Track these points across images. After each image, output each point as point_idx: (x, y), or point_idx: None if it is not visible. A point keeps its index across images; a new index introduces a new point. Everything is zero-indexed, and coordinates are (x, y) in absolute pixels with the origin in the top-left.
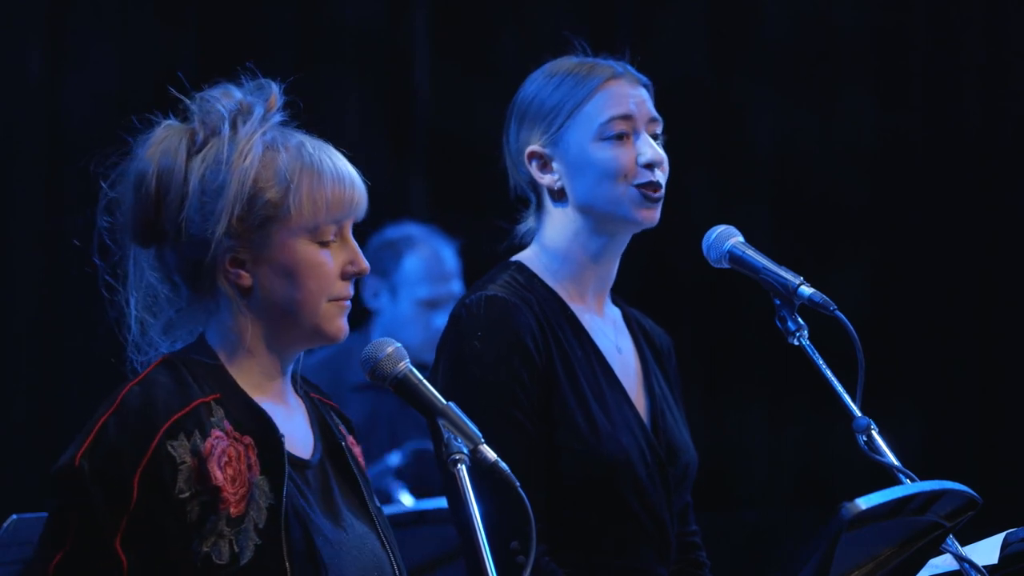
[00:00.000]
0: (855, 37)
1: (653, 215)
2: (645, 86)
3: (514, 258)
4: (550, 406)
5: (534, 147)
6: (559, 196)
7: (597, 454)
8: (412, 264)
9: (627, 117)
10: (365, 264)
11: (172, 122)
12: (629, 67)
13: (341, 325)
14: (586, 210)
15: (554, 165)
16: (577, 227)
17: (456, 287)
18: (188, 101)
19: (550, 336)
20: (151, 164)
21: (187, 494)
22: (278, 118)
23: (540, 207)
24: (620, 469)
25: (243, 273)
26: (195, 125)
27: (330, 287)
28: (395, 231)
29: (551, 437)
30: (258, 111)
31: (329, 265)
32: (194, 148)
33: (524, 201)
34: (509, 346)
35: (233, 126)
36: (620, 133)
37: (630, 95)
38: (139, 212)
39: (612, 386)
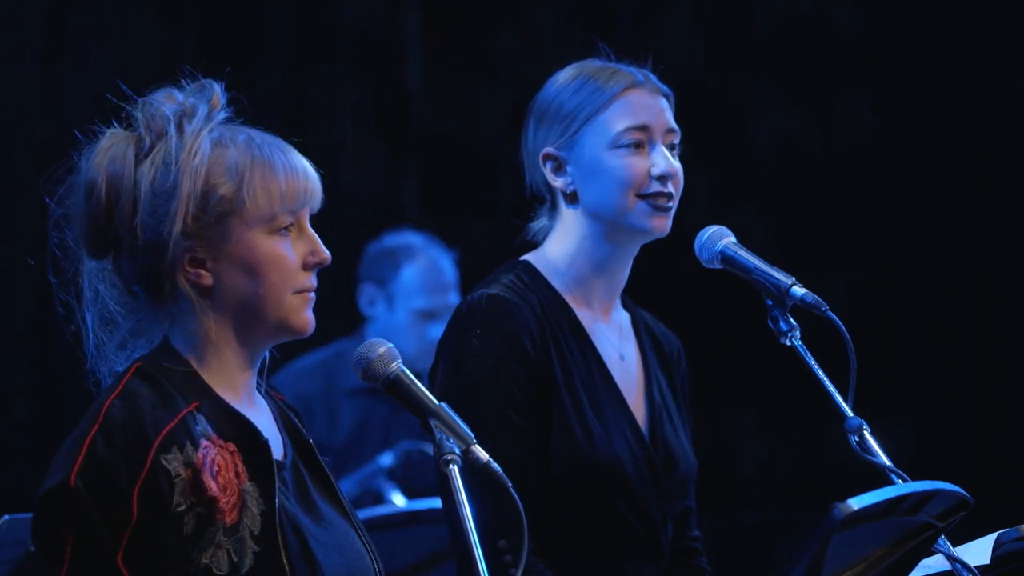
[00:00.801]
0: (854, 37)
1: (664, 224)
2: (665, 96)
3: (523, 257)
4: (546, 408)
5: (549, 149)
6: (571, 199)
7: (590, 459)
8: (410, 274)
9: (644, 127)
10: (326, 253)
11: (116, 130)
12: (651, 75)
13: (307, 318)
14: (596, 216)
15: (568, 168)
16: (586, 232)
17: (453, 298)
18: (130, 108)
19: (549, 338)
20: (99, 172)
21: (183, 507)
22: (223, 115)
23: (554, 207)
24: (612, 475)
25: (203, 272)
26: (140, 131)
27: (292, 279)
28: (394, 239)
29: (545, 439)
30: (202, 110)
31: (289, 257)
32: (142, 153)
33: (539, 199)
34: (507, 345)
35: (179, 127)
36: (636, 142)
37: (649, 105)
38: (90, 221)
39: (610, 392)
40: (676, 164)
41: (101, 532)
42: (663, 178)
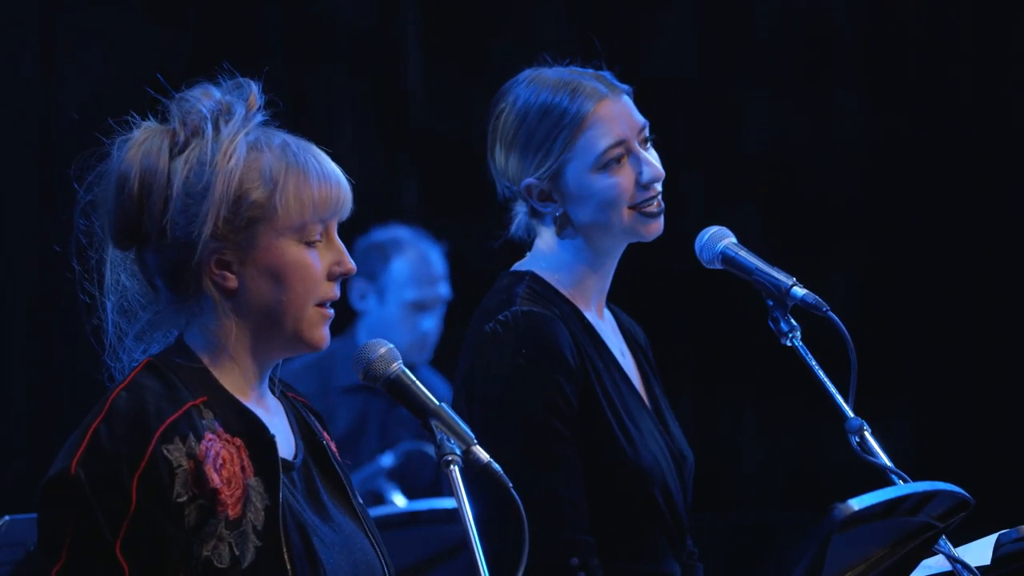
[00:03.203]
0: (849, 36)
1: (657, 226)
2: (627, 93)
3: (521, 268)
4: (590, 419)
5: (531, 181)
6: (562, 223)
7: (636, 464)
8: (400, 267)
9: (622, 142)
10: (351, 264)
11: (151, 123)
12: (608, 76)
13: (323, 334)
14: (589, 233)
15: (554, 196)
16: (579, 246)
17: (443, 290)
18: (167, 102)
19: (580, 347)
20: (133, 165)
21: (184, 498)
22: (259, 118)
23: (537, 216)
24: (654, 475)
25: (229, 275)
26: (175, 126)
27: (317, 289)
28: (383, 233)
29: (593, 450)
30: (239, 111)
31: (316, 266)
32: (176, 149)
33: (512, 199)
34: (553, 359)
35: (215, 127)
36: (618, 157)
37: (619, 115)
38: (120, 214)
39: (631, 393)
40: (659, 167)
41: (100, 521)
42: (650, 183)
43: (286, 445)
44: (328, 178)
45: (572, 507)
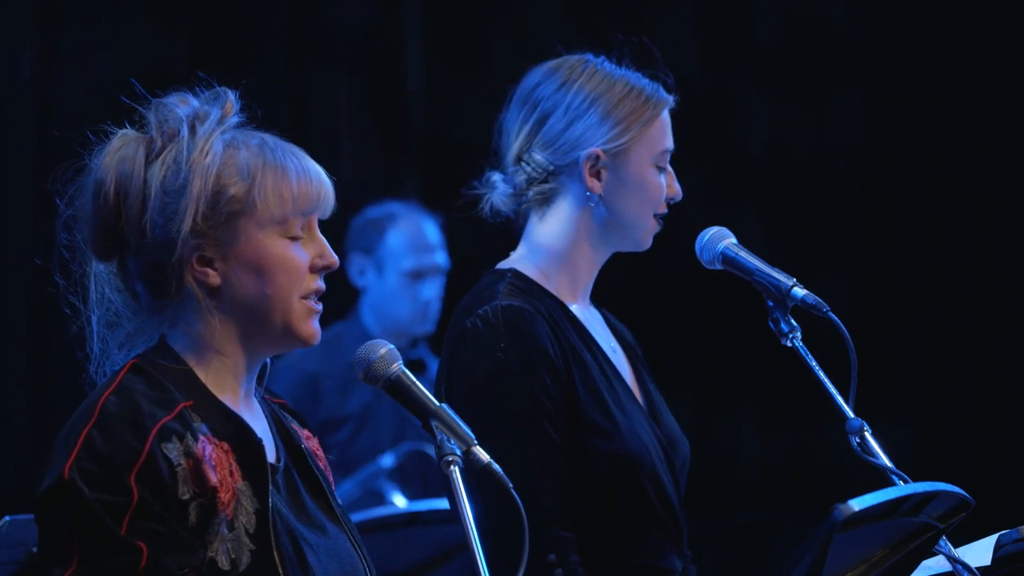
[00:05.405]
0: (849, 37)
1: (649, 241)
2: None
3: (504, 266)
4: (573, 410)
5: (596, 150)
6: (594, 199)
7: (622, 451)
8: (395, 238)
9: (670, 151)
10: (334, 258)
11: (127, 131)
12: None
13: (313, 328)
14: (611, 221)
15: (605, 174)
16: (588, 230)
17: (440, 258)
18: (143, 109)
19: (563, 340)
20: (108, 172)
21: (187, 496)
22: (235, 120)
23: (547, 203)
24: (643, 464)
25: (211, 271)
26: (152, 133)
27: (300, 282)
28: (376, 210)
29: (578, 440)
30: (215, 114)
31: (299, 259)
32: (152, 155)
33: (491, 167)
34: (533, 354)
35: (191, 128)
36: (664, 163)
37: (671, 125)
38: (99, 222)
39: (618, 383)
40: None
41: (103, 517)
42: (672, 201)
43: (269, 449)
44: (308, 173)
45: (551, 502)
